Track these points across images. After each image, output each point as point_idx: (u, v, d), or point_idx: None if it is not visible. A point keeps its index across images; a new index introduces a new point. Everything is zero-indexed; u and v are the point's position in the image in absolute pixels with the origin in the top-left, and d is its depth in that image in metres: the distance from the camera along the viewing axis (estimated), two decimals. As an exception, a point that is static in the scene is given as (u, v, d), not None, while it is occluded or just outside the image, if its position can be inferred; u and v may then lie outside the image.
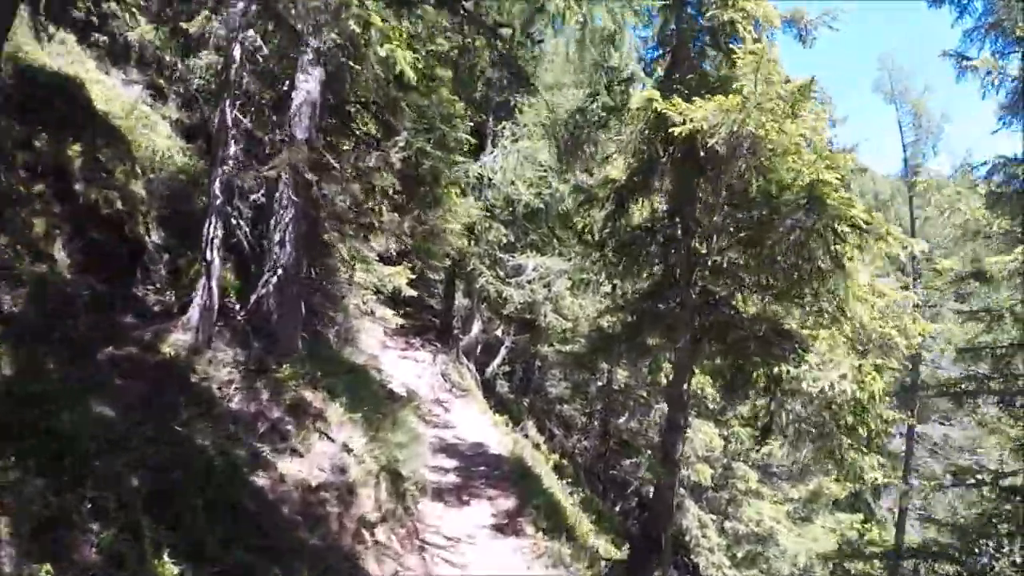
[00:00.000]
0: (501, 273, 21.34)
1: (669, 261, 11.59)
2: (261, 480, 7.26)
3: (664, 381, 20.11)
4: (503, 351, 25.70)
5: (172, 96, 14.29)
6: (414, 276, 20.56)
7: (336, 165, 8.91)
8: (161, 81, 14.20)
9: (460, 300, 25.23)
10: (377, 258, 19.33)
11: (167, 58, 14.19)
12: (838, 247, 8.98)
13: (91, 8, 13.01)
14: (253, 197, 9.19)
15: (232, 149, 9.03)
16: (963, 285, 14.33)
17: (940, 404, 26.82)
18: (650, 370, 20.44)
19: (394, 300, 28.26)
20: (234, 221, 9.10)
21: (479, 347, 25.41)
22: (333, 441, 8.56)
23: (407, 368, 20.03)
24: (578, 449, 26.67)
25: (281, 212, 10.09)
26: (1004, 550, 11.86)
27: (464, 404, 18.50)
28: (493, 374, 26.07)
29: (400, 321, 26.06)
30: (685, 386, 11.62)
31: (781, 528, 19.94)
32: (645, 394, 24.92)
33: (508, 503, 11.21)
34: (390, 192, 9.67)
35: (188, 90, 14.17)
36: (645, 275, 12.22)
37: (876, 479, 10.70)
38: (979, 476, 12.55)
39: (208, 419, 7.39)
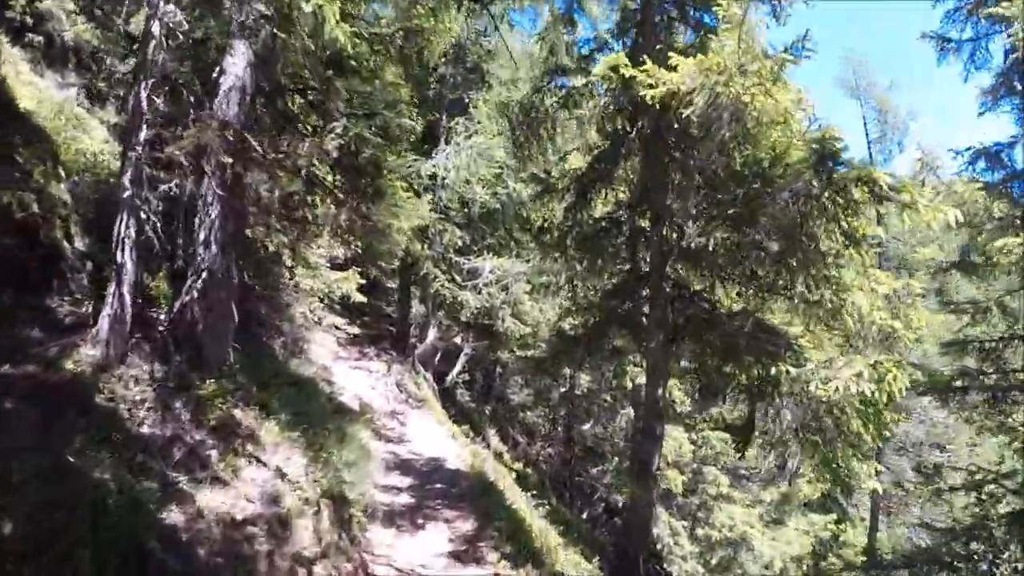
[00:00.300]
0: (457, 278, 20.36)
1: (637, 254, 10.62)
2: (174, 516, 6.17)
3: (630, 385, 19.27)
4: (462, 358, 24.82)
5: (111, 99, 13.38)
6: (365, 282, 19.53)
7: (259, 150, 7.84)
8: (100, 84, 13.33)
9: (416, 307, 24.23)
10: (327, 264, 18.31)
11: (106, 60, 13.36)
12: (851, 220, 7.74)
13: (26, 8, 12.16)
14: (164, 187, 8.06)
15: (144, 133, 7.93)
16: (941, 276, 13.71)
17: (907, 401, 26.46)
18: (615, 374, 19.57)
19: (350, 309, 27.44)
20: (144, 216, 7.97)
21: (438, 355, 24.51)
22: (265, 465, 7.48)
23: (360, 379, 18.94)
24: (542, 456, 26.06)
25: (206, 208, 9.00)
26: (1005, 555, 11.10)
27: (421, 415, 17.44)
28: (452, 382, 25.25)
29: (355, 330, 25.15)
30: (660, 391, 10.59)
31: (754, 532, 19.18)
32: (609, 399, 24.17)
33: (467, 525, 10.13)
34: (326, 183, 8.63)
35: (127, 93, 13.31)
36: (610, 272, 11.26)
37: (876, 488, 9.83)
38: (977, 477, 11.81)
39: (110, 446, 6.28)
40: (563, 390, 24.09)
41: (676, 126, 8.39)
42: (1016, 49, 10.49)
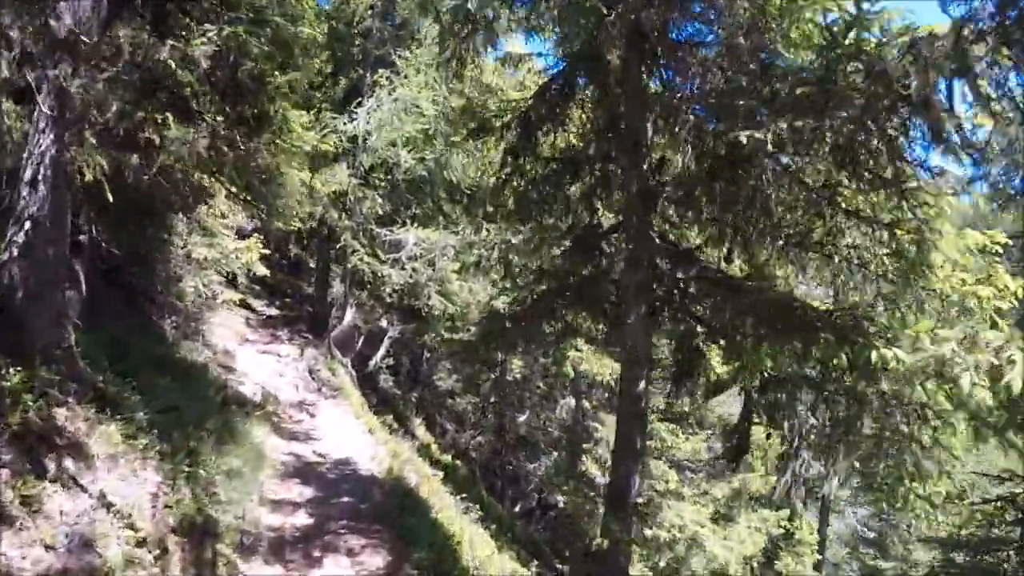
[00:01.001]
0: (380, 253, 18.10)
1: (598, 202, 8.37)
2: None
3: (572, 373, 17.36)
4: (386, 342, 22.72)
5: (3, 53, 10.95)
6: (271, 252, 17.17)
7: (85, 43, 5.60)
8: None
9: (338, 286, 21.98)
10: (234, 234, 15.93)
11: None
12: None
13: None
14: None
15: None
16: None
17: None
18: (554, 360, 17.60)
19: (271, 289, 25.12)
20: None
21: (360, 339, 22.48)
22: (86, 491, 5.27)
23: (268, 365, 16.64)
24: (472, 445, 24.44)
25: (36, 136, 6.69)
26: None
27: (335, 406, 15.22)
28: (376, 367, 23.13)
29: (269, 311, 22.80)
30: (642, 385, 7.98)
31: (705, 532, 17.49)
32: (543, 386, 22.35)
33: (378, 560, 7.76)
34: (186, 99, 6.41)
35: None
36: (562, 230, 9.00)
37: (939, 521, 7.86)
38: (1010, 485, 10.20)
39: None
40: (494, 376, 22.18)
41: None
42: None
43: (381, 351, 23.04)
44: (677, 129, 6.34)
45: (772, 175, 5.76)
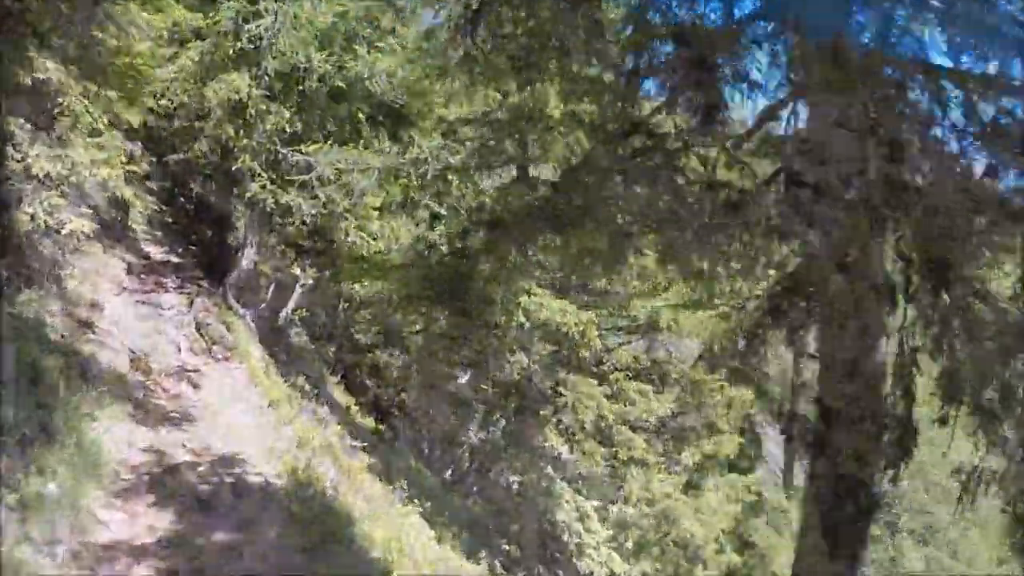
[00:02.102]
0: (290, 191, 14.76)
1: (640, 39, 4.80)
2: None
3: (525, 322, 14.30)
4: (298, 290, 19.72)
5: None
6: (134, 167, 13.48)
7: None
8: None
9: (242, 227, 18.68)
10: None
11: None
12: None
13: None
14: None
15: None
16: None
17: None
18: (502, 304, 14.56)
19: (173, 234, 21.72)
20: None
21: (270, 288, 19.41)
22: None
23: (145, 321, 13.18)
24: (396, 403, 22.29)
25: None
26: None
27: (226, 371, 11.94)
28: (287, 320, 20.14)
29: (164, 257, 19.42)
30: (880, 352, 4.36)
31: (677, 504, 15.12)
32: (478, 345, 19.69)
33: None
34: None
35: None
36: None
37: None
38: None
39: None
40: (418, 327, 19.65)
41: None
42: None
43: (292, 302, 20.01)
44: None
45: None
